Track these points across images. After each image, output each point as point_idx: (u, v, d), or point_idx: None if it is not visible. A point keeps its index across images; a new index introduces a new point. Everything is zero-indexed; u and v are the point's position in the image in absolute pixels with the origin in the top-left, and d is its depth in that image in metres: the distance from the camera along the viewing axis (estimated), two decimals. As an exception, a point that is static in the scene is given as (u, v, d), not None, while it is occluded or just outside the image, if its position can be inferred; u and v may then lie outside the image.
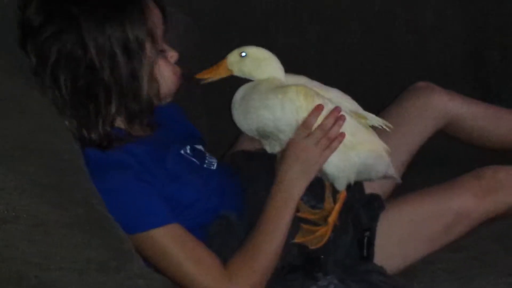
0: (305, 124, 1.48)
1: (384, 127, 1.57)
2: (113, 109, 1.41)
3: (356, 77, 2.09)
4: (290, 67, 1.57)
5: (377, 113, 1.71)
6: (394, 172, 1.62)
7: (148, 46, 1.43)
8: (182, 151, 1.55)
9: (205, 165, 1.58)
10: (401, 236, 1.60)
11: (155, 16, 1.45)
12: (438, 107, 1.82)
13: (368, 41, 2.11)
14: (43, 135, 1.30)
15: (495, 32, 2.18)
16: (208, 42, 1.93)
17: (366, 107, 1.60)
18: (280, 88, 1.50)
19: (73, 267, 1.21)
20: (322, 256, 1.53)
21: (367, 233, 1.57)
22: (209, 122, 1.89)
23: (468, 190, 1.62)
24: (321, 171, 1.53)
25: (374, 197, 1.63)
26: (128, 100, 1.42)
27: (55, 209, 1.22)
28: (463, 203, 1.61)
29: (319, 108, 1.48)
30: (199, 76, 1.52)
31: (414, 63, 2.13)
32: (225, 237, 1.48)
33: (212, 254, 1.41)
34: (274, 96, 1.49)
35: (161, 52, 1.48)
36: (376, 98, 1.99)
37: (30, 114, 1.31)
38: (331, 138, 1.48)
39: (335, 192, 1.58)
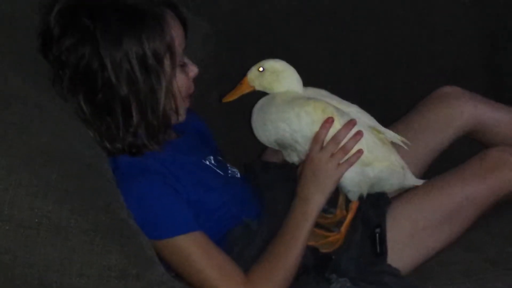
0: (316, 138, 1.49)
1: (402, 144, 1.58)
2: (134, 122, 1.40)
3: (369, 81, 2.09)
4: (303, 74, 1.57)
5: (397, 117, 1.71)
6: (414, 181, 1.62)
7: (166, 61, 1.41)
8: (207, 162, 1.56)
9: (229, 174, 1.59)
10: (410, 228, 1.59)
11: (174, 30, 1.43)
12: (463, 114, 1.80)
13: (381, 45, 2.11)
14: (67, 141, 1.31)
15: (509, 35, 2.17)
16: (224, 49, 1.93)
17: (381, 112, 1.60)
18: (297, 100, 1.51)
19: (93, 274, 1.22)
20: (333, 257, 1.54)
21: (377, 230, 1.57)
22: (225, 130, 1.89)
23: (472, 172, 1.62)
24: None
25: (380, 194, 1.63)
26: (147, 114, 1.40)
27: (76, 215, 1.23)
28: (468, 186, 1.60)
29: (328, 121, 1.48)
30: (225, 99, 1.54)
31: (427, 67, 2.13)
32: (245, 245, 1.49)
33: (234, 263, 1.42)
34: (290, 108, 1.50)
35: (181, 66, 1.46)
36: (390, 102, 2.01)
37: (54, 120, 1.31)
38: (346, 152, 1.48)
39: (348, 200, 1.59)
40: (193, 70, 1.49)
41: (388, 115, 1.63)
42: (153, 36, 1.38)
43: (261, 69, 1.53)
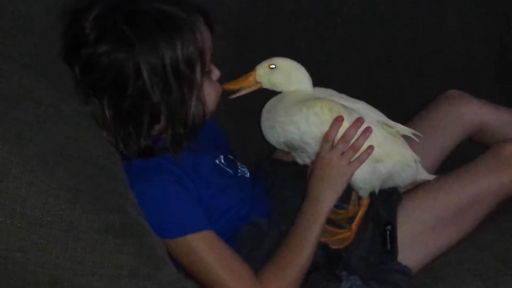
0: (326, 137, 1.49)
1: (413, 136, 1.58)
2: (160, 129, 1.41)
3: (377, 81, 2.09)
4: (312, 76, 1.57)
5: (407, 118, 1.71)
6: (426, 175, 1.62)
7: (197, 68, 1.41)
8: (216, 161, 1.56)
9: (239, 174, 1.59)
10: (421, 225, 1.60)
11: (205, 38, 1.43)
12: (468, 115, 1.82)
13: (390, 46, 2.10)
14: (80, 141, 1.31)
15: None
16: (232, 49, 1.93)
17: (389, 112, 1.60)
18: (305, 102, 1.51)
19: (105, 273, 1.23)
20: (343, 254, 1.54)
21: (388, 227, 1.57)
22: (235, 130, 1.88)
23: (485, 166, 1.61)
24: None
25: (392, 191, 1.63)
26: (175, 122, 1.41)
27: (88, 215, 1.23)
28: (481, 181, 1.60)
29: (338, 120, 1.48)
30: (226, 86, 1.52)
31: (437, 68, 2.13)
32: (255, 245, 1.50)
33: (244, 263, 1.43)
34: (299, 110, 1.50)
35: (207, 73, 1.46)
36: (400, 102, 2.01)
37: (67, 120, 1.32)
38: (356, 149, 1.49)
39: (359, 196, 1.59)
40: (215, 73, 1.49)
41: (397, 115, 1.62)
42: (187, 43, 1.39)
43: (272, 66, 1.53)
